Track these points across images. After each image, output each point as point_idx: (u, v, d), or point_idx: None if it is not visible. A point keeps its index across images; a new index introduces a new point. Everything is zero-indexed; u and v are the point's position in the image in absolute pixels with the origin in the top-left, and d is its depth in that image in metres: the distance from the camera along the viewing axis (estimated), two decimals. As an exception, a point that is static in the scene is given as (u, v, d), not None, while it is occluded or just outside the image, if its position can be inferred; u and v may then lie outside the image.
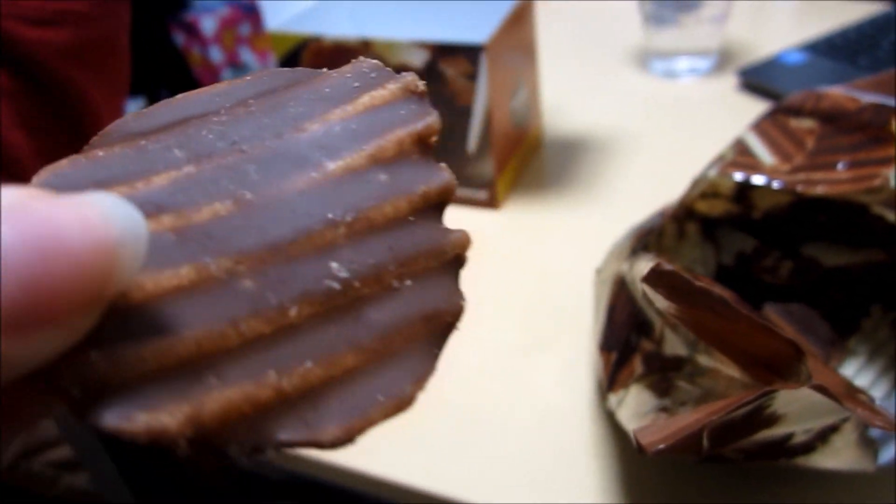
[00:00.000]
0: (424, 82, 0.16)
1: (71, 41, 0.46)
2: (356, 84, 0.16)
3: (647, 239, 0.36)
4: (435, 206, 0.15)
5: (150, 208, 0.13)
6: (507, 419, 0.39)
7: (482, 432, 0.39)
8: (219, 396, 0.12)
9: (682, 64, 0.67)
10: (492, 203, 0.54)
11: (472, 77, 0.49)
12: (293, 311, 0.13)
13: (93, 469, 0.56)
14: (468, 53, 0.48)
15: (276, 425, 0.12)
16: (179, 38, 1.49)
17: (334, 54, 0.51)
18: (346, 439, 0.12)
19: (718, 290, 0.19)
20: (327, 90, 0.16)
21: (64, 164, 0.14)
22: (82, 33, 0.47)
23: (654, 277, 0.19)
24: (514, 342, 0.44)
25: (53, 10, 0.45)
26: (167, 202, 0.13)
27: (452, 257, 0.15)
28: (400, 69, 0.16)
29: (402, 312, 0.14)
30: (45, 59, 0.45)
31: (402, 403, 0.13)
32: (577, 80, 0.70)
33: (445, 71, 0.49)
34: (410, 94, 0.16)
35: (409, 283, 0.14)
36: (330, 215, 0.14)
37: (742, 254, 0.37)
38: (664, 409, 0.24)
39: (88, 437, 0.51)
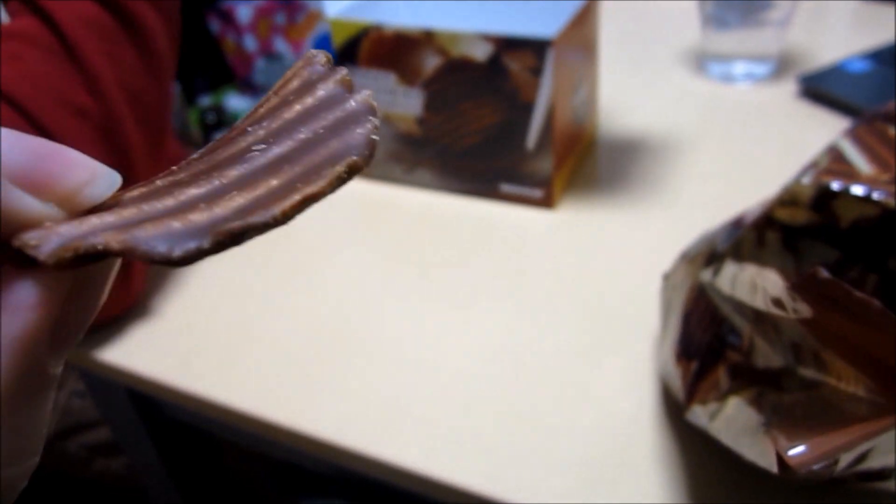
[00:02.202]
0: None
1: None
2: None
3: (724, 246, 0.35)
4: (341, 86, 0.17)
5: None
6: (567, 424, 0.38)
7: (542, 437, 0.38)
8: (154, 222, 0.14)
9: (740, 68, 0.66)
10: (547, 202, 0.53)
11: (536, 72, 0.48)
12: (222, 179, 0.15)
13: (133, 453, 0.55)
14: (535, 48, 0.47)
15: (197, 227, 0.14)
16: (215, 25, 1.49)
17: (395, 44, 0.50)
18: (278, 221, 0.14)
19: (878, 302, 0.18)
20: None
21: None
22: None
23: (807, 285, 0.18)
24: (572, 345, 0.43)
25: None
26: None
27: (355, 107, 0.16)
28: (461, 63, 0.17)
29: (319, 142, 0.16)
30: None
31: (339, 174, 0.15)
32: (631, 79, 0.69)
33: (509, 65, 0.48)
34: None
35: (321, 131, 0.16)
36: (249, 128, 0.17)
37: (824, 265, 0.36)
38: (775, 426, 0.23)
39: (130, 420, 0.50)
